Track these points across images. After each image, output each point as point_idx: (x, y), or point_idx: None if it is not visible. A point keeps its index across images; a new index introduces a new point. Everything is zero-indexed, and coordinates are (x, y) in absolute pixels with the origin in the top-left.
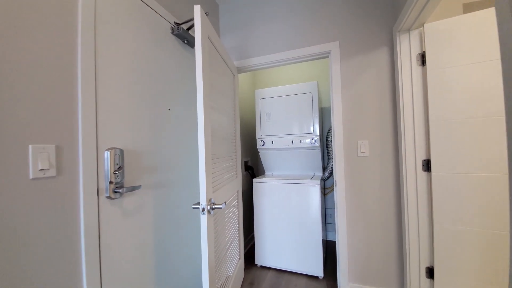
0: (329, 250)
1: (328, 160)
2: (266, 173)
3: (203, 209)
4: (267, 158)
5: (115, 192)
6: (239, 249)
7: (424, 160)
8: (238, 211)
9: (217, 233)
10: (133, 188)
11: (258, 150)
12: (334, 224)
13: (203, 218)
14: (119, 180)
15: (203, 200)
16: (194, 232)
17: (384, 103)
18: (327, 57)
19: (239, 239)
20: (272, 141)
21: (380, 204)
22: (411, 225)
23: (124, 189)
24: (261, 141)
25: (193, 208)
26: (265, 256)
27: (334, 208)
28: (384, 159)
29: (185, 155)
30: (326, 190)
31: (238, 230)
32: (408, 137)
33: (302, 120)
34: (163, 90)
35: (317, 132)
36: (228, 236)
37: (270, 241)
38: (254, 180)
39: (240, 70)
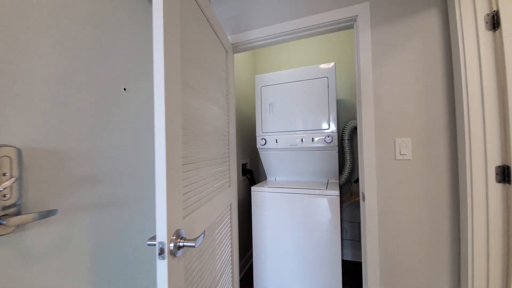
0: (346, 272)
1: (344, 163)
2: (268, 178)
3: (161, 250)
4: (269, 160)
5: (0, 224)
6: (232, 281)
7: (499, 166)
8: (231, 231)
9: (200, 271)
10: (46, 214)
11: (259, 150)
12: (351, 240)
13: (161, 264)
14: (11, 201)
15: (161, 234)
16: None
17: (435, 86)
18: (352, 27)
19: (232, 268)
20: (276, 139)
21: (428, 226)
22: (476, 260)
23: (20, 217)
24: (262, 139)
25: (148, 245)
26: (266, 283)
27: (351, 222)
28: (434, 164)
29: (152, 157)
30: (342, 199)
31: (232, 256)
32: (474, 134)
33: (314, 113)
34: (116, 62)
35: (334, 128)
36: (217, 266)
37: (272, 265)
38: (252, 188)
39: (236, 48)
